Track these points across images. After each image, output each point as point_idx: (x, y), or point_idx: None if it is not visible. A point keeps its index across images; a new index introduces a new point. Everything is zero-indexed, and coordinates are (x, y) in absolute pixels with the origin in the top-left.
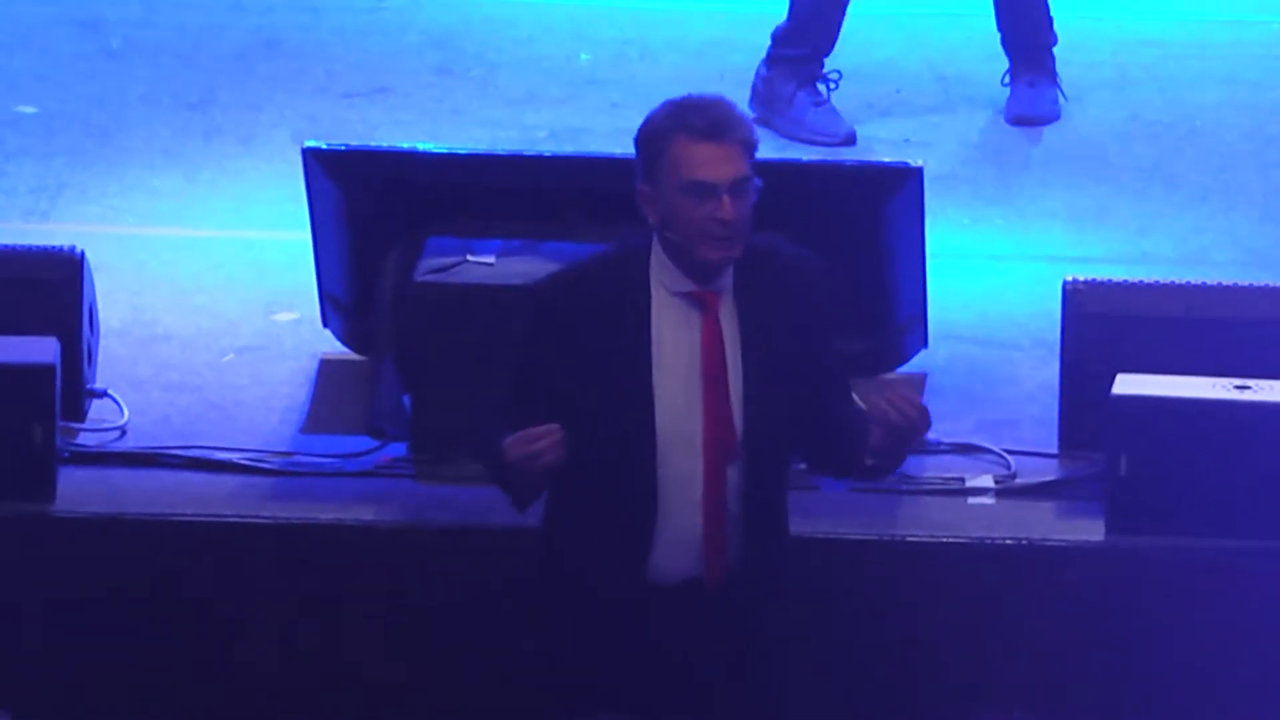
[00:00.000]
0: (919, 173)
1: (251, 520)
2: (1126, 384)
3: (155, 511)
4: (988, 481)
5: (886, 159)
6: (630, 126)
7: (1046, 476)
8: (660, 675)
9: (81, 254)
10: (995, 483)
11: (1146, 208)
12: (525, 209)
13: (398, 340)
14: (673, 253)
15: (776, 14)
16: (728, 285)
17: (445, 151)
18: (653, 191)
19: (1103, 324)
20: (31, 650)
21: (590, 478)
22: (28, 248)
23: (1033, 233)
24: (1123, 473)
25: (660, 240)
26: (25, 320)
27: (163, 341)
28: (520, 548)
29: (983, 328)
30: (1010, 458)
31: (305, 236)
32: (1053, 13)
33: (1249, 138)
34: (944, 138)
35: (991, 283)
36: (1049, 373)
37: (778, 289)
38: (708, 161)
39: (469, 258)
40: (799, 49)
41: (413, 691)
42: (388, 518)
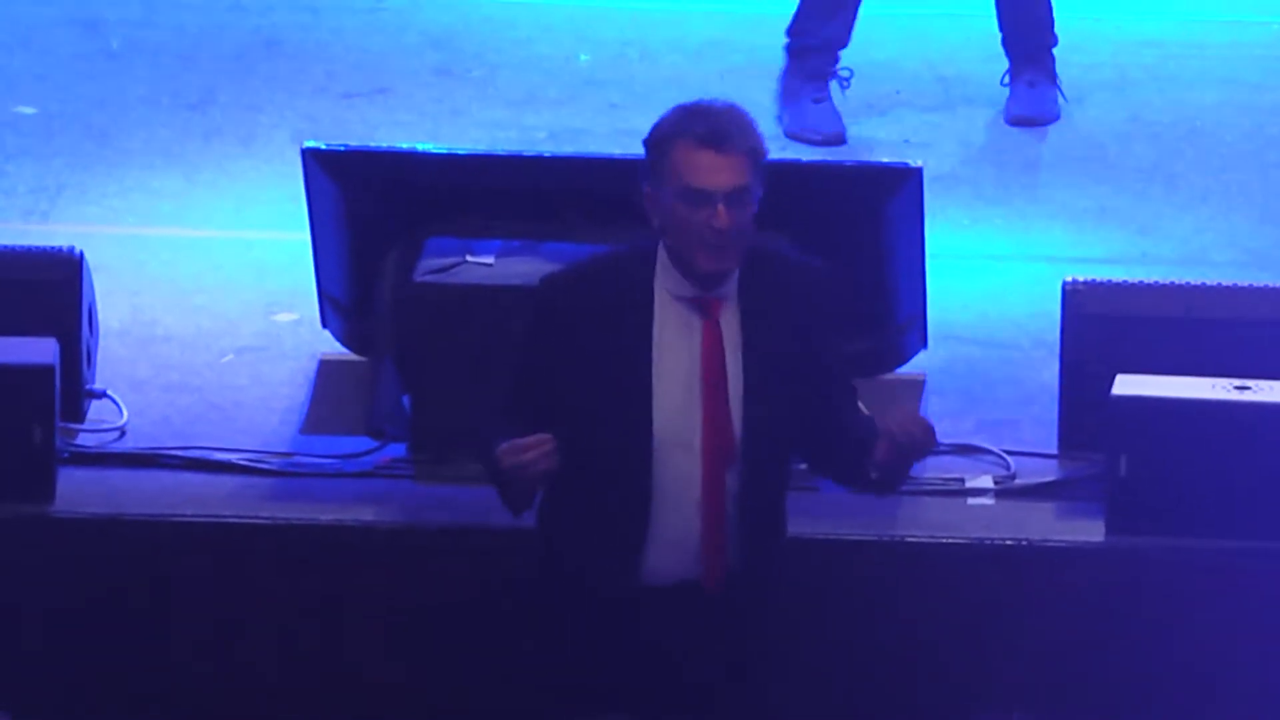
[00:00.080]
0: (919, 173)
1: (251, 521)
2: (1126, 384)
3: (155, 512)
4: (987, 482)
5: (886, 159)
6: (630, 127)
7: (1046, 477)
8: (658, 676)
9: (81, 254)
10: (995, 483)
11: (1146, 208)
12: (525, 209)
13: (397, 341)
14: (674, 257)
15: (776, 15)
16: (731, 290)
17: (445, 152)
18: (655, 194)
19: (1102, 324)
20: (31, 651)
21: (586, 477)
22: (27, 248)
23: (1032, 233)
24: (1122, 473)
25: (663, 244)
26: (25, 321)
27: (162, 342)
28: (520, 548)
29: (982, 328)
30: (1010, 458)
31: (305, 237)
32: (1054, 13)
33: (1249, 138)
34: (944, 138)
35: (991, 283)
36: (1049, 373)
37: (781, 295)
38: (706, 169)
39: (468, 258)
40: (807, 41)
41: (413, 692)
42: (387, 518)
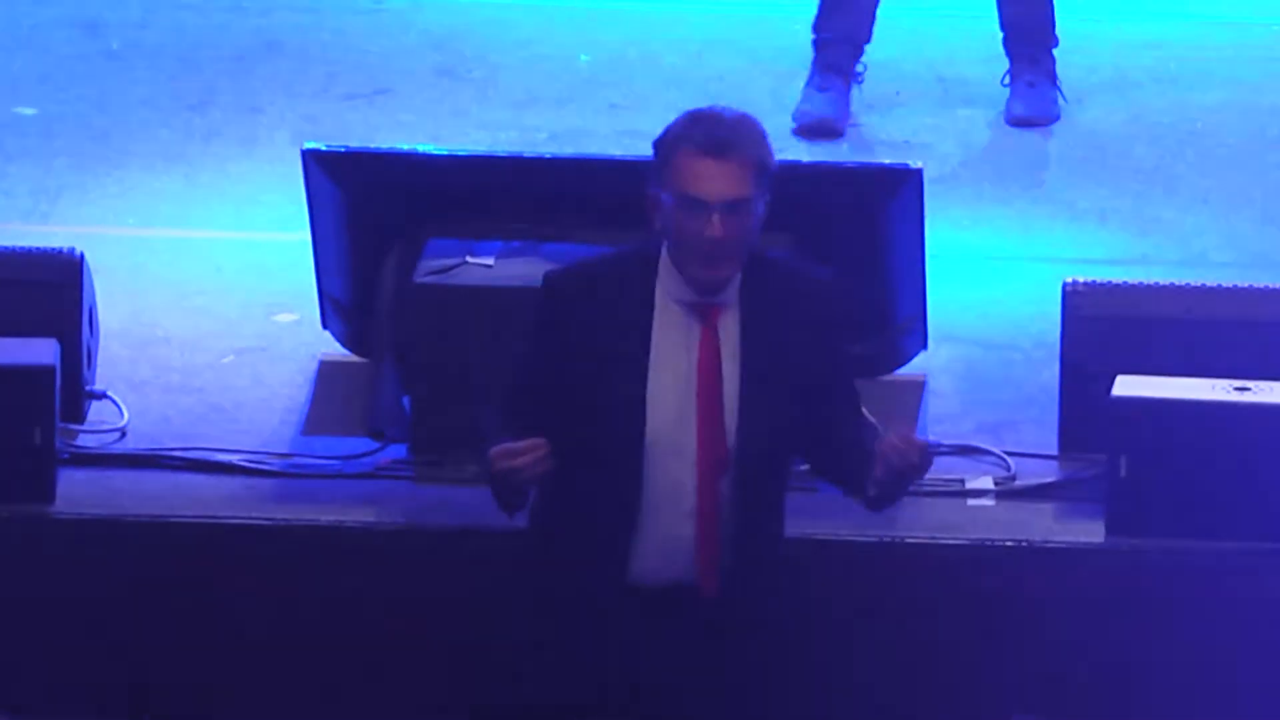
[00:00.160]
0: (919, 174)
1: (251, 522)
2: (1126, 385)
3: (155, 513)
4: (987, 483)
5: (886, 160)
6: (630, 128)
7: (1046, 478)
8: (652, 679)
9: (81, 256)
10: (995, 484)
11: (1147, 209)
12: (525, 210)
13: (397, 342)
14: (674, 261)
15: (776, 16)
16: (732, 297)
17: (445, 153)
18: (657, 198)
19: (1102, 326)
20: (31, 651)
21: (578, 476)
22: (27, 249)
23: (1033, 234)
24: (1123, 474)
25: (665, 247)
26: (25, 322)
27: (162, 343)
28: (519, 549)
29: (983, 329)
30: (1010, 459)
31: (305, 238)
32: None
33: (1249, 140)
34: (944, 139)
35: (991, 284)
36: (1049, 374)
37: (784, 303)
38: (704, 177)
39: (469, 259)
40: (827, 36)
41: (413, 692)
42: (388, 519)
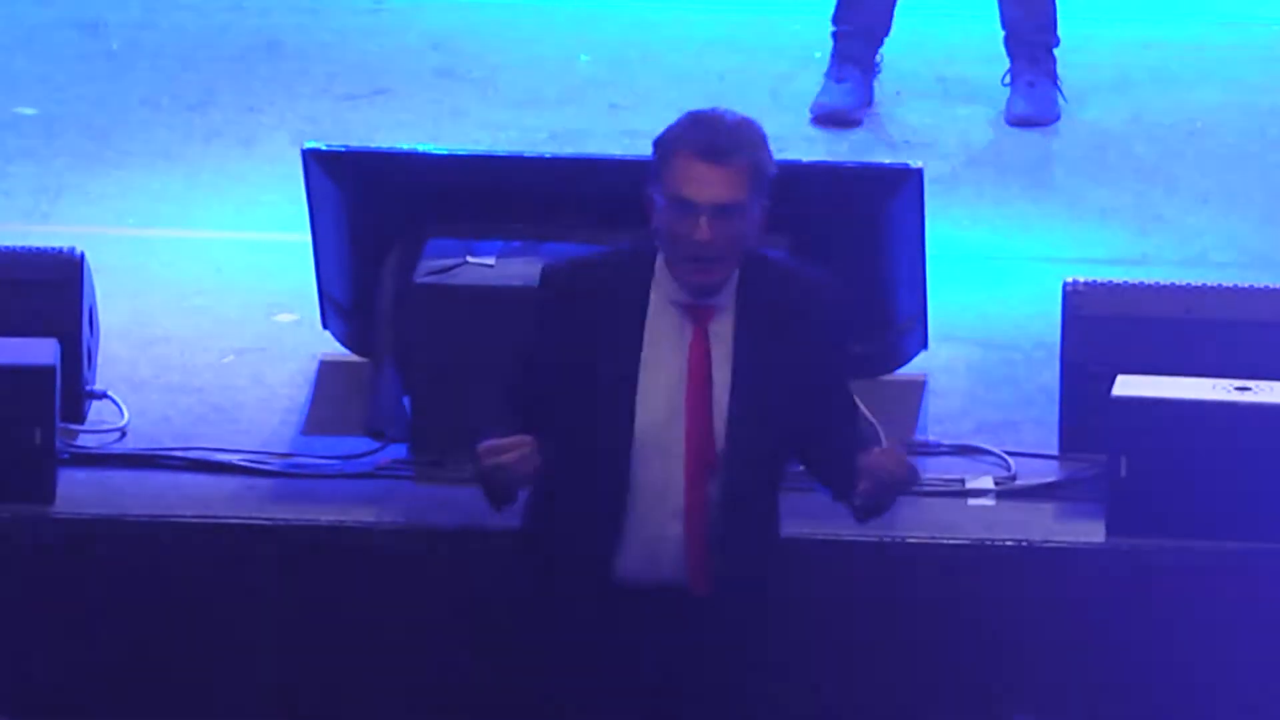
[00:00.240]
0: (919, 174)
1: (251, 522)
2: (1127, 385)
3: (155, 513)
4: (988, 483)
5: (886, 160)
6: (630, 128)
7: (1047, 478)
8: (643, 678)
9: (81, 255)
10: (995, 484)
11: (1147, 209)
12: (525, 210)
13: (398, 342)
14: (665, 263)
15: (776, 15)
16: (727, 299)
17: (445, 153)
18: (653, 198)
19: (1103, 325)
20: (31, 651)
21: (568, 473)
22: (28, 249)
23: (1033, 234)
24: (1123, 474)
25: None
26: (25, 322)
27: (163, 343)
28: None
29: (983, 329)
30: (1010, 459)
31: (305, 238)
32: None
33: (1250, 139)
34: (944, 138)
35: (991, 284)
36: (1049, 374)
37: (780, 307)
38: (695, 180)
39: (469, 259)
40: (843, 26)
41: (413, 692)
42: (388, 519)
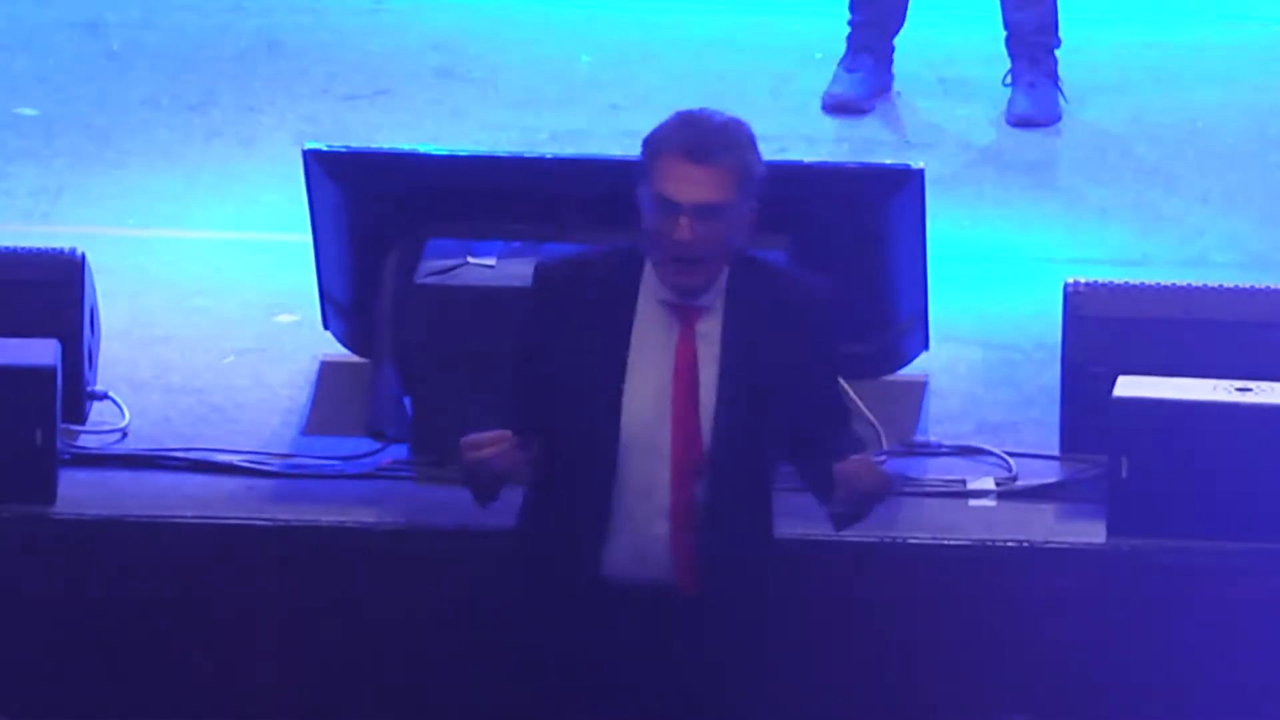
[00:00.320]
0: (920, 174)
1: (252, 522)
2: (1127, 386)
3: (156, 514)
4: (989, 484)
5: (887, 161)
6: (631, 128)
7: (1048, 479)
8: (632, 677)
9: (82, 256)
10: (996, 485)
11: (1147, 210)
12: (526, 211)
13: (398, 342)
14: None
15: (776, 16)
16: (716, 300)
17: (446, 153)
18: (640, 197)
19: (1104, 326)
20: (31, 652)
21: (556, 471)
22: (28, 250)
23: (1033, 234)
24: (1124, 475)
25: None
26: (26, 322)
27: (163, 344)
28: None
29: (984, 330)
30: (1011, 460)
31: (306, 238)
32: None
33: (1250, 140)
34: (945, 139)
35: (992, 285)
36: (1050, 375)
37: (770, 308)
38: (679, 179)
39: (469, 260)
40: (858, 17)
41: (413, 693)
42: (388, 520)
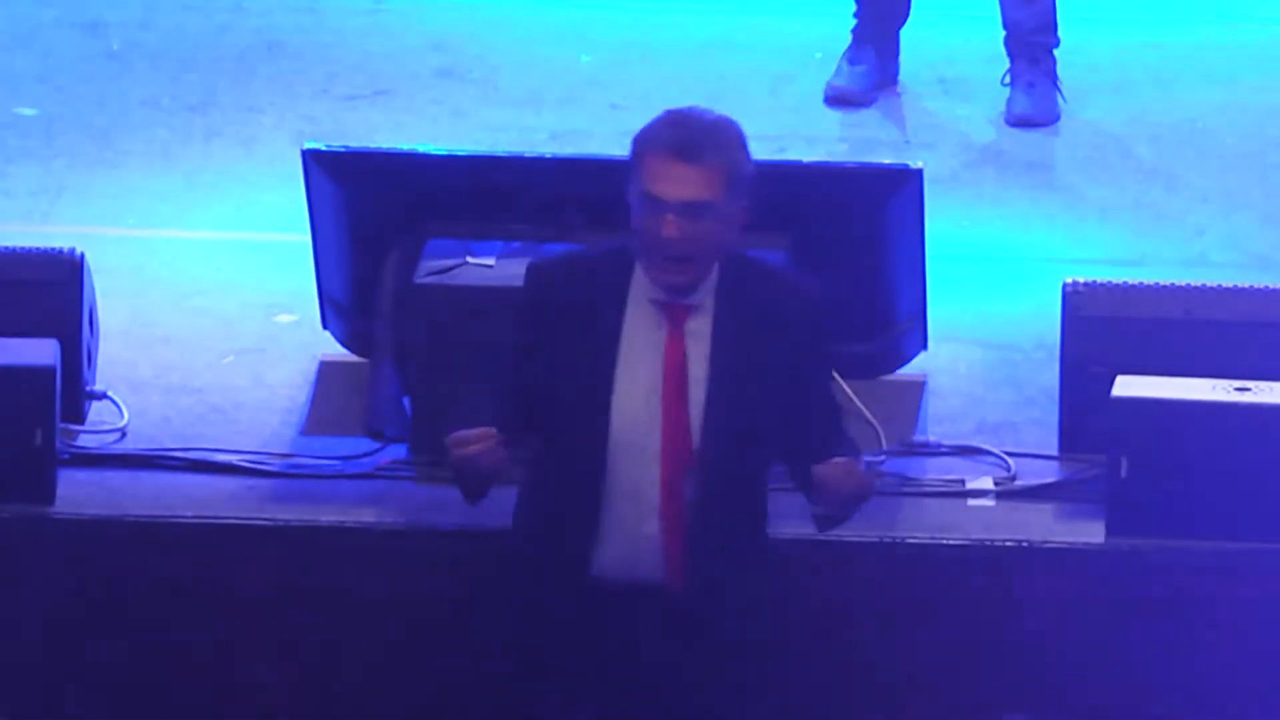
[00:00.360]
0: (919, 174)
1: (252, 522)
2: (1127, 386)
3: (155, 514)
4: (988, 483)
5: (886, 160)
6: (631, 128)
7: (1047, 478)
8: (622, 676)
9: (81, 256)
10: (995, 485)
11: (1147, 209)
12: (525, 211)
13: (398, 342)
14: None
15: (776, 16)
16: (706, 298)
17: (445, 153)
18: (629, 195)
19: (1103, 326)
20: (31, 652)
21: (548, 470)
22: (28, 249)
23: (1033, 234)
24: (1123, 475)
25: None
26: (25, 322)
27: (163, 343)
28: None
29: (983, 329)
30: (1010, 460)
31: (305, 238)
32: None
33: (1250, 140)
34: (944, 139)
35: (991, 285)
36: (1049, 375)
37: (761, 307)
38: (665, 177)
39: (469, 259)
40: (862, 8)
41: (413, 692)
42: (388, 519)
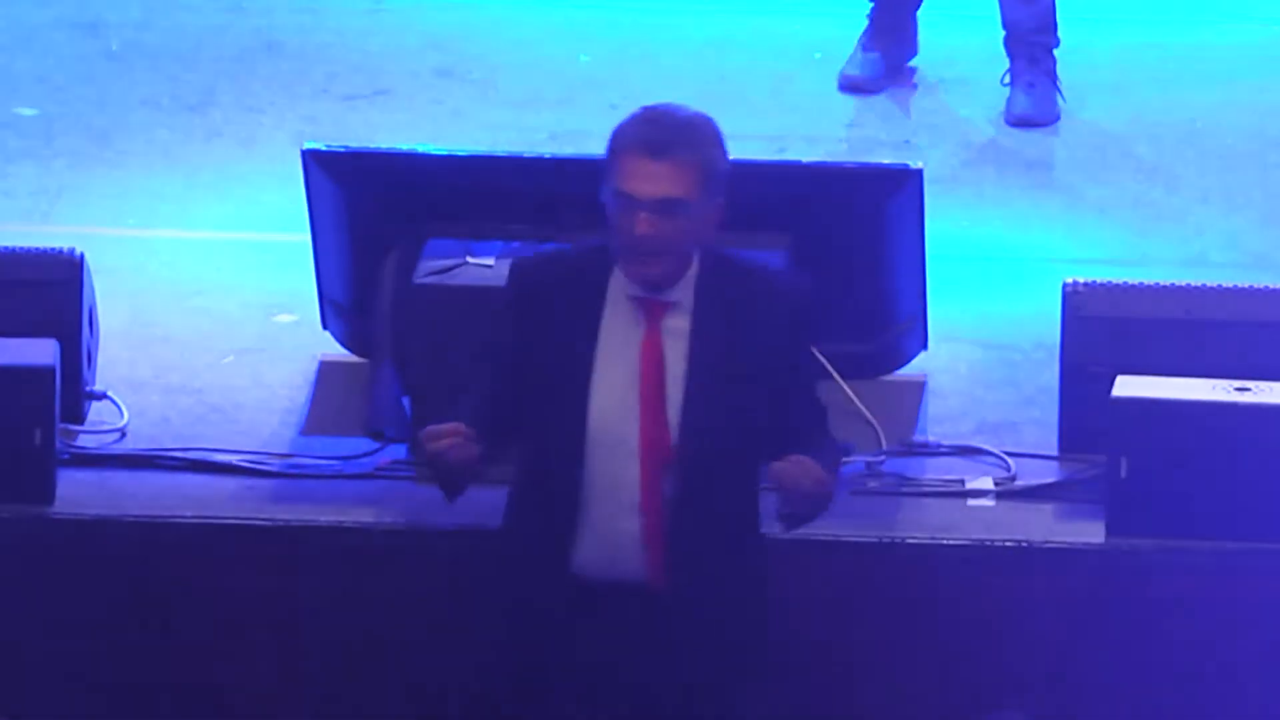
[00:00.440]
0: (919, 174)
1: (251, 522)
2: (1126, 386)
3: (155, 514)
4: (988, 484)
5: (886, 160)
6: None
7: (1047, 479)
8: (603, 675)
9: (81, 256)
10: (995, 485)
11: (1147, 209)
12: (525, 211)
13: (397, 342)
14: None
15: (776, 16)
16: (686, 296)
17: (445, 153)
18: (604, 193)
19: (1103, 326)
20: (31, 652)
21: (530, 469)
22: (28, 250)
23: (1033, 234)
24: (1123, 475)
25: None
26: (25, 322)
27: (162, 343)
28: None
29: (983, 329)
30: (1010, 460)
31: (305, 238)
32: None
33: (1250, 140)
34: (944, 139)
35: (991, 284)
36: (1049, 375)
37: (740, 304)
38: (636, 175)
39: (469, 259)
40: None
41: (413, 692)
42: (387, 519)
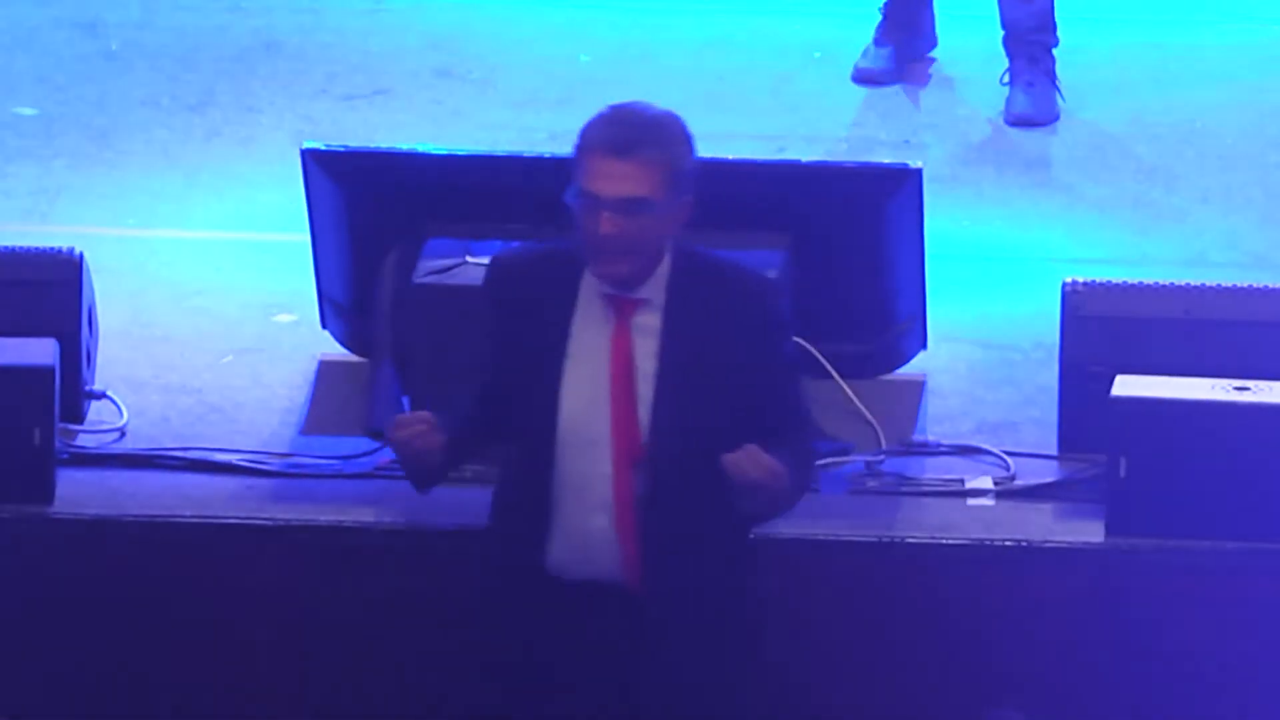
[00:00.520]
0: (918, 174)
1: (251, 522)
2: (1126, 385)
3: (154, 513)
4: (987, 483)
5: (886, 160)
6: None
7: (1046, 478)
8: (579, 675)
9: (81, 255)
10: (995, 484)
11: (1146, 209)
12: (525, 210)
13: (397, 342)
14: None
15: (776, 16)
16: (657, 294)
17: (445, 153)
18: (569, 192)
19: (1102, 325)
20: (31, 652)
21: (509, 467)
22: (27, 249)
23: (1032, 234)
24: (1122, 474)
25: None
26: (24, 322)
27: (162, 343)
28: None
29: (982, 329)
30: (1010, 459)
31: (305, 238)
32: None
33: (1249, 139)
34: (944, 138)
35: (991, 284)
36: (1048, 374)
37: (712, 302)
38: (599, 174)
39: (468, 259)
40: None
41: (412, 691)
42: (387, 519)
